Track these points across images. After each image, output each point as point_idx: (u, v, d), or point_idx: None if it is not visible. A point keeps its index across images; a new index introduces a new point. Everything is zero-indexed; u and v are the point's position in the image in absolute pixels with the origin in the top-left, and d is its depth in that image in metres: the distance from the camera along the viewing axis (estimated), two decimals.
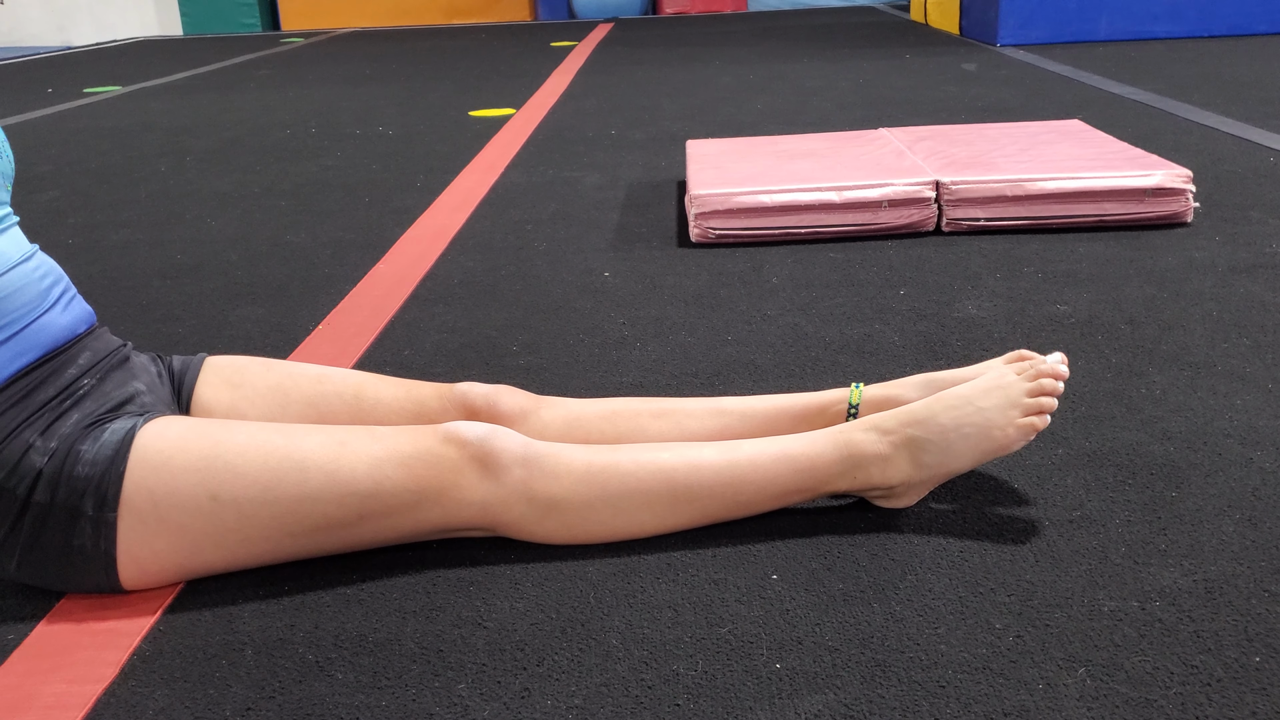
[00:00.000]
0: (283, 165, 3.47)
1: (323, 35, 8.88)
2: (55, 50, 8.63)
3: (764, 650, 1.02)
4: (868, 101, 4.16)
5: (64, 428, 1.11)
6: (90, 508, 1.09)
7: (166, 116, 4.69)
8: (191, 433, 1.13)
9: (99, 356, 1.19)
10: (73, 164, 3.66)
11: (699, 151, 2.74)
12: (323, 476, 1.12)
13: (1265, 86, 4.03)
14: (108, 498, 1.09)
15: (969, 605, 1.07)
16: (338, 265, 2.33)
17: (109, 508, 1.09)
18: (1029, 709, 0.92)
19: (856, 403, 1.30)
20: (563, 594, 1.12)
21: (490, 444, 1.14)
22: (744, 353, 1.74)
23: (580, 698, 0.97)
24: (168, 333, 1.96)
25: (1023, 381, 1.20)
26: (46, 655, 1.06)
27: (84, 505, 1.09)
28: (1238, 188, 2.60)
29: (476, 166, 3.31)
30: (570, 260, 2.28)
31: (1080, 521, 1.20)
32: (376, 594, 1.14)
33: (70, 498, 1.09)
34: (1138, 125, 3.40)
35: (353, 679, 1.01)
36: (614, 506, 1.17)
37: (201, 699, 0.99)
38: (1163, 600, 1.06)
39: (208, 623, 1.10)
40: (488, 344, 1.83)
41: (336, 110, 4.62)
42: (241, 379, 1.30)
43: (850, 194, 2.31)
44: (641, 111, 4.20)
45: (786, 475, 1.19)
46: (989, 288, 1.99)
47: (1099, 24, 5.70)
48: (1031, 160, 2.43)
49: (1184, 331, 1.74)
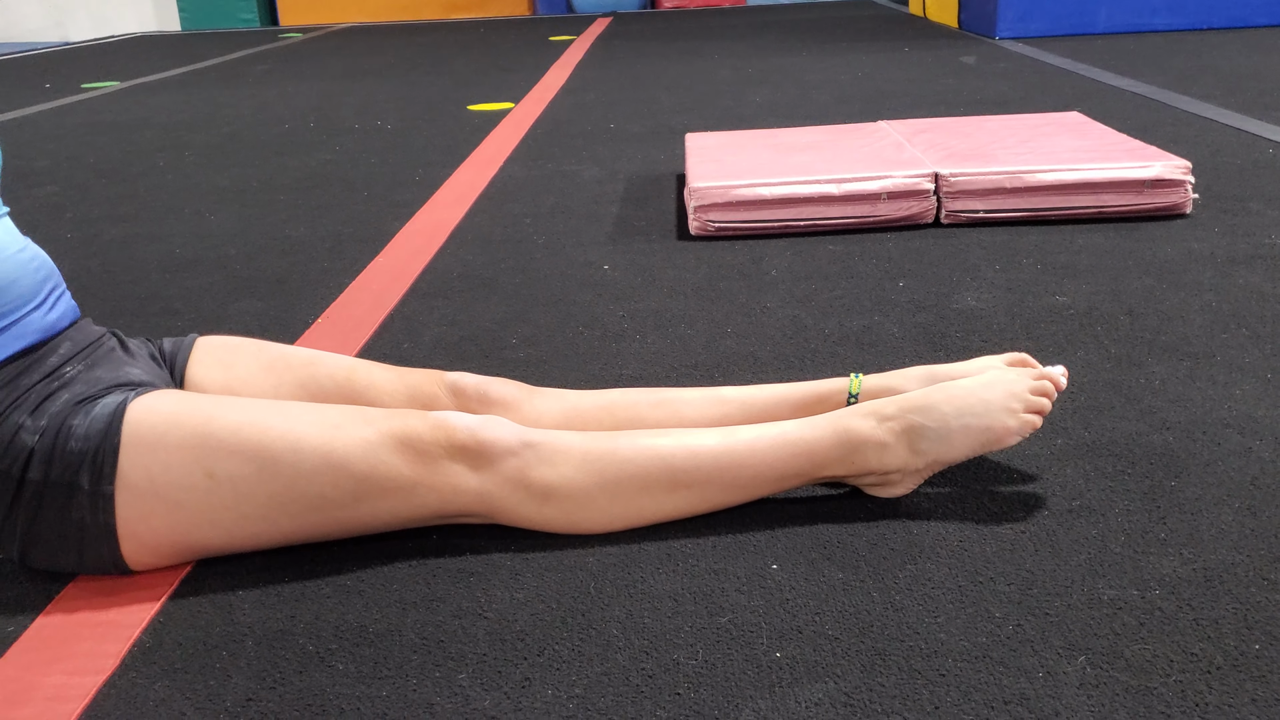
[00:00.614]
0: (281, 160, 3.47)
1: (321, 30, 8.87)
2: (53, 46, 8.62)
3: (764, 639, 1.02)
4: (866, 94, 4.15)
5: (53, 406, 1.11)
6: (86, 482, 1.09)
7: (164, 112, 4.69)
8: (184, 407, 1.13)
9: (80, 345, 1.19)
10: (71, 159, 3.65)
11: (698, 144, 2.74)
12: (317, 457, 1.11)
13: (1264, 78, 4.03)
14: (104, 471, 1.09)
15: (969, 594, 1.07)
16: (336, 259, 2.33)
17: (105, 480, 1.09)
18: (1029, 697, 0.92)
19: (856, 392, 1.30)
20: (563, 584, 1.12)
21: (479, 434, 1.14)
22: (744, 345, 1.74)
23: (581, 687, 0.97)
24: (166, 326, 1.96)
25: (1026, 379, 1.21)
26: (47, 647, 1.06)
27: (80, 480, 1.09)
28: (1236, 179, 2.60)
29: (475, 160, 3.30)
30: (569, 253, 2.28)
31: (1080, 511, 1.21)
32: (377, 585, 1.14)
33: (65, 473, 1.08)
34: (1136, 117, 3.40)
35: (354, 669, 1.01)
36: (612, 493, 1.17)
37: (202, 690, 0.99)
38: (1162, 588, 1.06)
39: (208, 614, 1.10)
40: (487, 337, 1.83)
41: (335, 105, 4.62)
42: (234, 359, 1.29)
43: (849, 186, 2.30)
44: (640, 105, 4.20)
45: (784, 460, 1.19)
46: (988, 279, 1.99)
47: (1098, 16, 5.70)
48: (1030, 152, 2.43)
49: (1183, 322, 1.74)
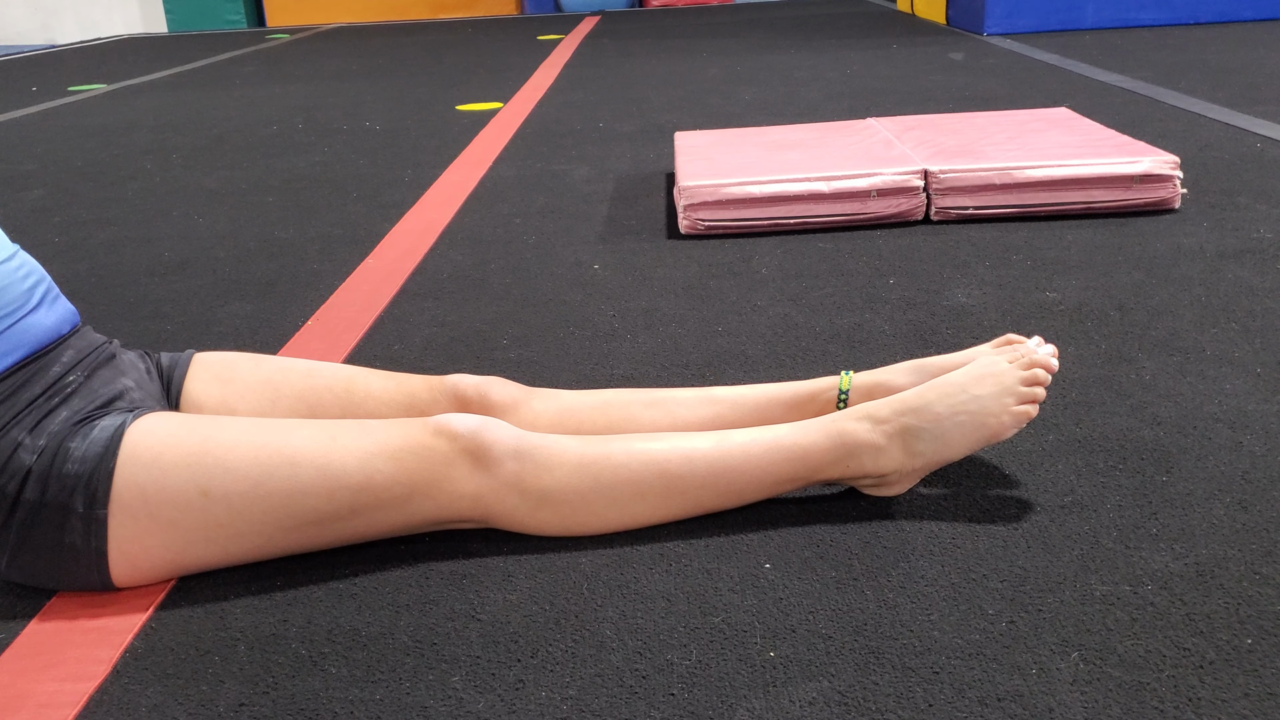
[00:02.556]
0: (270, 161, 3.46)
1: (308, 31, 8.85)
2: (39, 49, 8.58)
3: (758, 639, 1.02)
4: (855, 92, 4.15)
5: (52, 425, 1.11)
6: (81, 505, 1.08)
7: (152, 114, 4.67)
8: (181, 429, 1.13)
9: (83, 354, 1.19)
10: (58, 162, 3.64)
11: (687, 143, 2.74)
12: (313, 471, 1.11)
13: (1251, 72, 4.04)
14: (98, 495, 1.08)
15: (961, 591, 1.07)
16: (326, 261, 2.32)
17: (99, 504, 1.09)
18: (1022, 693, 0.92)
19: (846, 389, 1.30)
20: (556, 585, 1.12)
21: (481, 436, 1.14)
22: (734, 343, 1.74)
23: (575, 688, 0.96)
24: (156, 330, 1.95)
25: (1016, 370, 1.20)
26: (38, 654, 1.06)
27: (74, 502, 1.08)
28: (1225, 173, 2.61)
29: (464, 161, 3.30)
30: (559, 253, 2.28)
31: (1071, 507, 1.21)
32: (369, 588, 1.13)
33: (60, 495, 1.08)
34: (1125, 113, 3.40)
35: (347, 673, 1.00)
36: (607, 498, 1.16)
37: (195, 695, 0.99)
38: (1154, 584, 1.06)
39: (200, 619, 1.10)
40: (478, 337, 1.83)
41: (323, 106, 4.60)
42: (231, 375, 1.29)
43: (839, 184, 2.31)
44: (629, 104, 4.19)
45: (779, 465, 1.18)
46: (978, 276, 1.99)
47: (1085, 12, 5.71)
48: (1019, 148, 2.44)
49: (1173, 317, 1.74)
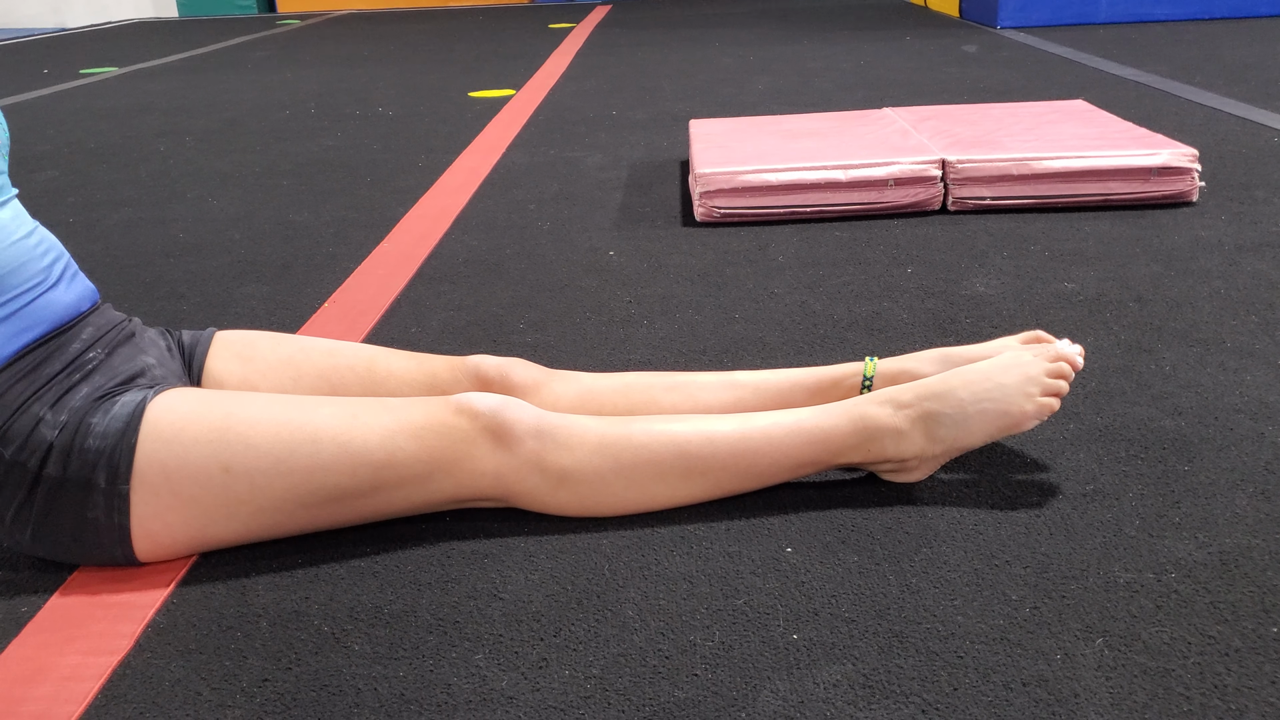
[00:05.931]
0: (283, 145, 3.45)
1: (319, 17, 8.84)
2: (50, 32, 8.58)
3: (780, 621, 1.01)
4: (869, 82, 4.14)
5: (74, 401, 1.11)
6: (103, 480, 1.08)
7: (164, 97, 4.67)
8: (203, 405, 1.13)
9: (103, 331, 1.19)
10: (71, 144, 3.64)
11: (702, 131, 2.73)
12: (335, 447, 1.11)
13: (1268, 68, 4.03)
14: (120, 470, 1.08)
15: (985, 577, 1.07)
16: (341, 244, 2.32)
17: (121, 480, 1.09)
18: (1047, 679, 0.92)
19: (871, 375, 1.30)
20: (578, 566, 1.12)
21: (503, 415, 1.14)
22: (752, 330, 1.74)
23: (598, 668, 0.96)
24: (173, 310, 1.95)
25: (1042, 361, 1.20)
26: (61, 627, 1.06)
27: (96, 478, 1.08)
28: (1242, 167, 2.60)
29: (477, 147, 3.29)
30: (574, 239, 2.28)
31: (1094, 495, 1.20)
32: (391, 566, 1.13)
33: (82, 470, 1.08)
34: (1140, 107, 3.39)
35: (369, 650, 1.00)
36: (627, 478, 1.16)
37: (217, 670, 0.99)
38: (1178, 572, 1.06)
39: (222, 595, 1.10)
40: (494, 322, 1.83)
41: (335, 91, 4.60)
42: (252, 353, 1.29)
43: (856, 173, 2.30)
44: (642, 92, 4.19)
45: (800, 447, 1.18)
46: (996, 266, 1.99)
47: (1099, 6, 5.69)
48: (1037, 139, 2.43)
49: (1192, 309, 1.73)
